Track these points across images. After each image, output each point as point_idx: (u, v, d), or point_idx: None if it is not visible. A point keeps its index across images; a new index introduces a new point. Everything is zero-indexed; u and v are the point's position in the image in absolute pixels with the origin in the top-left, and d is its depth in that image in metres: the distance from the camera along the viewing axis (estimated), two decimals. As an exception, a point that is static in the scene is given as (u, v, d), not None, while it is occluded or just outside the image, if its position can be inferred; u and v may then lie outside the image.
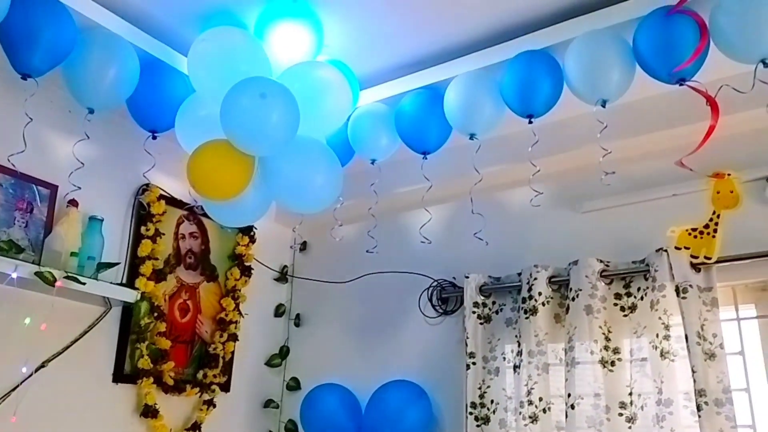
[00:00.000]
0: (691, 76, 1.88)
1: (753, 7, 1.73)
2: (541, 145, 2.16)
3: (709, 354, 2.01)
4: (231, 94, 1.84)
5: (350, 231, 2.87)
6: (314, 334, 3.07)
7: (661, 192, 2.33)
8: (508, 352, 2.41)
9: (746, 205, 2.16)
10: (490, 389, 2.38)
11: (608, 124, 2.03)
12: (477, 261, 2.60)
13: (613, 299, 2.26)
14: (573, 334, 2.21)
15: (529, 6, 2.09)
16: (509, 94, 2.14)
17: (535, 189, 2.19)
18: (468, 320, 2.48)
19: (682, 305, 2.08)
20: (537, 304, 2.32)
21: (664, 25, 1.86)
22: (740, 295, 2.20)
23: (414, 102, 2.33)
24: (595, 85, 2.00)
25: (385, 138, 2.40)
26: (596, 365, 2.15)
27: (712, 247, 2.10)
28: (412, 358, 2.72)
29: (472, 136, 2.23)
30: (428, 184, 2.38)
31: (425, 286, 2.74)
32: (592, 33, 2.01)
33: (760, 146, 2.19)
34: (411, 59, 2.35)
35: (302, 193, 2.01)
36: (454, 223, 2.75)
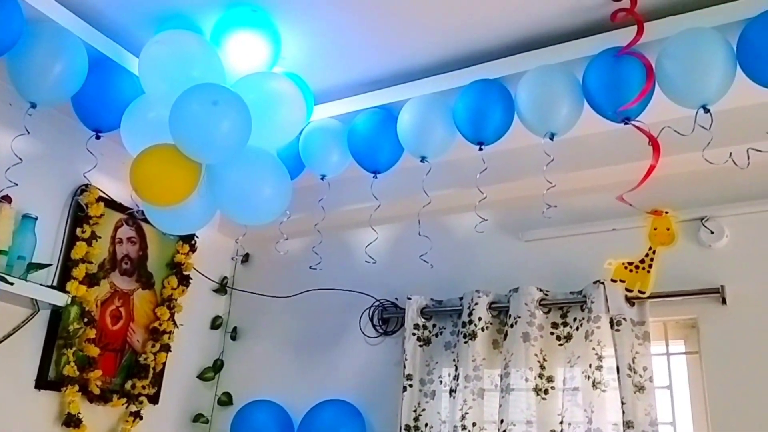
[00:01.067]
0: (636, 115, 1.95)
1: (697, 54, 1.81)
2: (490, 172, 2.19)
3: (638, 386, 2.06)
4: (182, 98, 1.81)
5: (295, 245, 2.83)
6: (250, 349, 3.00)
7: (601, 226, 2.40)
8: (445, 375, 2.42)
9: (681, 244, 2.24)
10: (425, 412, 2.38)
11: (555, 157, 2.08)
12: (420, 283, 2.61)
13: (550, 328, 2.30)
14: (509, 360, 2.23)
15: (485, 36, 2.14)
16: (462, 120, 2.17)
17: (480, 215, 2.22)
18: (407, 342, 2.48)
19: (615, 337, 2.13)
20: (476, 329, 2.34)
21: (612, 65, 1.93)
22: (671, 331, 2.27)
23: (367, 121, 2.34)
24: (545, 118, 2.06)
25: (336, 154, 2.39)
26: (530, 393, 2.18)
27: (646, 281, 2.17)
28: (350, 378, 2.70)
29: (423, 158, 2.25)
30: (376, 204, 2.38)
31: (367, 306, 2.73)
32: (545, 67, 2.06)
33: (696, 188, 2.28)
34: (367, 78, 2.36)
35: (248, 204, 1.97)
36: (400, 244, 2.76)
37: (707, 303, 2.15)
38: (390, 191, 2.46)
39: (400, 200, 2.53)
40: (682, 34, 1.85)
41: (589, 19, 2.03)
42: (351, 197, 2.63)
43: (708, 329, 2.14)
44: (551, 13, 2.03)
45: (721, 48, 1.80)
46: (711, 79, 1.81)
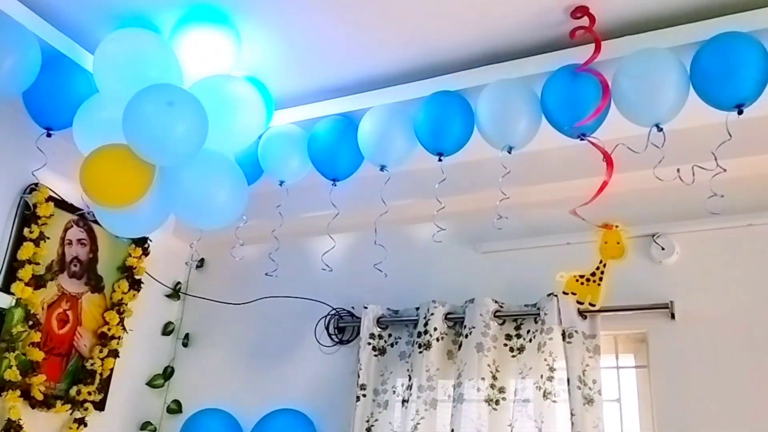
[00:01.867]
0: (592, 131, 1.99)
1: (652, 74, 1.86)
2: (449, 183, 2.20)
3: (588, 399, 2.09)
4: (137, 98, 1.77)
5: (251, 252, 2.80)
6: (203, 356, 2.94)
7: (556, 239, 2.42)
8: (399, 385, 2.41)
9: (632, 260, 2.28)
10: (378, 422, 2.36)
11: (513, 170, 2.10)
12: (377, 292, 2.60)
13: (504, 339, 2.32)
14: (462, 370, 2.24)
15: (447, 48, 2.16)
16: (422, 130, 2.18)
17: (438, 225, 2.23)
18: (362, 351, 2.47)
19: (567, 349, 2.16)
20: (431, 339, 2.34)
21: (570, 81, 1.96)
22: (621, 345, 2.30)
23: (328, 128, 2.33)
24: (503, 131, 2.08)
25: (296, 161, 2.37)
26: (481, 403, 2.19)
27: (596, 294, 2.20)
28: (303, 387, 2.66)
29: (382, 167, 2.24)
30: (335, 211, 2.36)
31: (323, 314, 2.71)
32: (505, 81, 2.09)
33: (649, 205, 2.33)
34: (329, 85, 2.36)
35: (203, 208, 1.94)
36: (358, 252, 2.75)
37: (657, 318, 2.19)
38: (349, 199, 2.44)
39: (359, 209, 2.51)
40: (638, 54, 1.89)
41: (548, 35, 2.06)
42: (309, 204, 2.61)
43: (657, 344, 2.18)
44: (512, 28, 2.06)
45: (675, 69, 1.85)
46: (664, 99, 1.86)
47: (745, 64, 1.76)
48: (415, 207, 2.54)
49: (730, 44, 1.78)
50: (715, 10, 1.89)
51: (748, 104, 1.78)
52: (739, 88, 1.76)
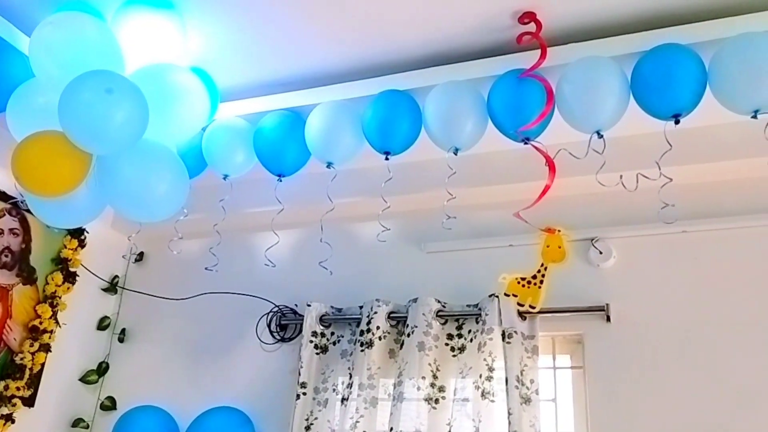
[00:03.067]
0: (536, 136, 2.02)
1: (594, 81, 1.90)
2: (395, 183, 2.21)
3: (525, 398, 2.12)
4: (74, 84, 1.71)
5: (192, 246, 2.74)
6: (139, 352, 2.87)
7: (500, 241, 2.46)
8: (339, 384, 2.40)
9: (572, 263, 2.33)
10: (317, 421, 2.35)
11: (459, 172, 2.12)
12: (321, 290, 2.58)
13: (445, 339, 2.33)
14: (403, 369, 2.24)
15: (397, 47, 2.16)
16: (370, 128, 2.17)
17: (383, 224, 2.23)
18: (304, 349, 2.45)
19: (506, 350, 2.19)
20: (374, 338, 2.34)
21: (516, 86, 1.98)
22: (558, 346, 2.35)
23: (275, 122, 2.30)
24: (450, 133, 2.09)
25: (241, 155, 2.33)
26: (421, 402, 2.19)
27: (537, 296, 2.24)
28: (243, 385, 2.62)
29: (329, 164, 2.23)
30: (279, 207, 2.33)
31: (265, 311, 2.67)
32: (453, 83, 2.10)
33: (589, 210, 2.39)
34: (277, 79, 2.33)
35: (141, 200, 1.88)
36: (302, 249, 2.72)
37: (593, 320, 2.24)
38: (294, 196, 2.42)
39: (305, 205, 2.49)
40: (581, 62, 1.93)
41: (496, 39, 2.08)
42: (254, 199, 2.57)
43: (592, 345, 2.23)
44: (461, 30, 2.07)
45: (617, 77, 1.90)
46: (605, 106, 1.90)
47: (683, 75, 1.81)
48: (362, 205, 2.53)
49: (669, 55, 1.84)
50: (657, 22, 1.95)
51: (684, 114, 1.84)
52: (676, 99, 1.82)
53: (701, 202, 2.24)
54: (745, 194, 2.19)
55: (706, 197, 2.25)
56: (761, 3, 1.86)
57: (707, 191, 2.25)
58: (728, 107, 1.82)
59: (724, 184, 2.24)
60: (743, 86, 1.76)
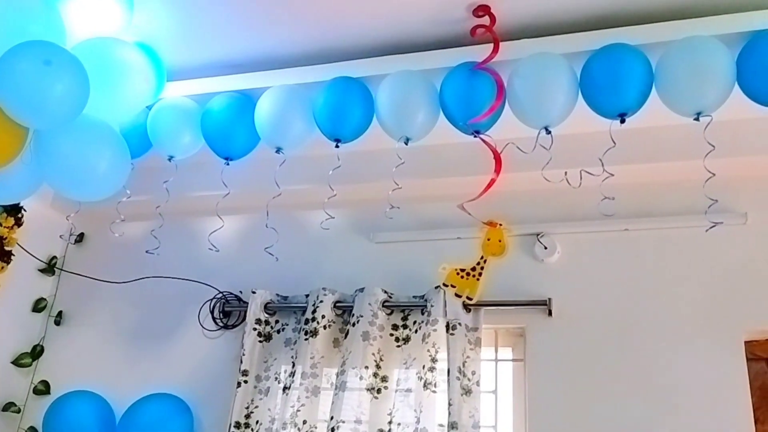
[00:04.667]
0: (486, 129, 2.02)
1: (544, 78, 1.91)
2: (345, 172, 2.18)
3: (466, 389, 2.14)
4: (10, 54, 1.63)
5: (135, 229, 2.67)
6: (76, 336, 2.78)
7: (448, 233, 2.47)
8: (282, 372, 2.37)
9: (517, 257, 2.37)
10: (258, 409, 2.32)
11: (409, 162, 2.11)
12: (267, 278, 2.55)
13: (390, 329, 2.33)
14: (347, 358, 2.23)
15: (351, 34, 2.14)
16: (321, 115, 2.14)
17: (327, 213, 2.20)
18: (247, 337, 2.41)
19: (450, 341, 2.20)
20: (318, 327, 2.33)
21: (467, 78, 1.98)
22: (501, 338, 2.38)
23: (224, 104, 2.24)
24: (401, 122, 2.08)
25: (187, 136, 2.27)
26: (363, 391, 2.19)
27: (474, 288, 2.26)
28: (183, 371, 2.57)
29: (278, 149, 2.19)
30: (226, 191, 2.29)
31: (209, 297, 2.62)
32: (406, 73, 2.09)
33: (536, 205, 2.42)
34: (228, 60, 2.28)
35: (79, 177, 1.81)
36: (249, 236, 2.68)
37: (535, 314, 2.27)
38: (242, 180, 2.37)
39: (252, 191, 2.45)
40: (532, 57, 1.94)
41: (451, 31, 2.08)
42: (200, 183, 2.52)
43: (533, 338, 2.27)
44: (416, 20, 2.07)
45: (566, 75, 1.91)
46: (555, 103, 1.92)
47: (630, 75, 1.84)
48: (311, 193, 2.49)
49: (618, 55, 1.86)
50: (608, 22, 1.98)
51: (630, 114, 1.87)
52: (622, 98, 1.84)
53: (643, 201, 2.30)
54: (685, 195, 2.24)
55: (648, 197, 2.30)
56: (708, 8, 1.90)
57: (649, 191, 2.30)
58: (672, 108, 1.86)
59: (665, 184, 2.29)
60: (687, 88, 1.80)
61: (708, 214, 1.92)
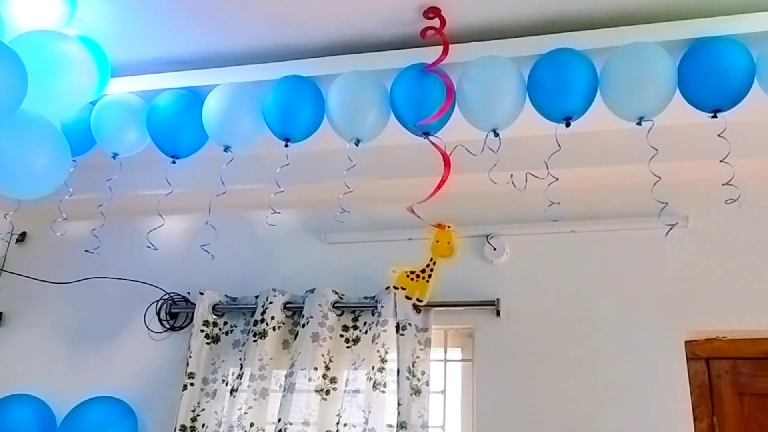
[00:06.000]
0: (435, 131, 2.03)
1: (492, 81, 1.93)
2: (297, 172, 2.17)
3: (415, 389, 2.15)
4: (-58, 45, 1.57)
5: (80, 228, 2.59)
6: (17, 338, 2.69)
7: (399, 234, 2.47)
8: (230, 374, 2.34)
9: (467, 258, 2.39)
10: (204, 412, 2.28)
11: (360, 163, 2.11)
12: (215, 278, 2.52)
13: (340, 330, 2.32)
14: (296, 359, 2.21)
15: (302, 33, 2.13)
16: (270, 113, 2.12)
17: (273, 208, 2.17)
18: (194, 339, 2.37)
19: (399, 341, 2.20)
20: (268, 328, 2.30)
21: (418, 80, 1.99)
22: (450, 339, 2.39)
23: (171, 101, 2.20)
24: (352, 123, 2.07)
25: (132, 133, 2.22)
26: (312, 393, 2.18)
27: (424, 290, 2.28)
28: (127, 374, 2.51)
29: (227, 148, 2.16)
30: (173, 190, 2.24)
31: (155, 299, 2.57)
32: (357, 73, 2.08)
33: (485, 207, 2.44)
34: (175, 57, 2.24)
35: (16, 174, 1.75)
36: (198, 236, 2.61)
37: (484, 314, 2.29)
38: (190, 179, 2.35)
39: (201, 190, 2.40)
40: (481, 60, 1.96)
41: (401, 32, 2.09)
42: (146, 182, 2.46)
43: (482, 339, 2.28)
44: (367, 20, 2.06)
45: (515, 78, 1.94)
46: (503, 105, 1.94)
47: (575, 79, 1.87)
48: (261, 193, 2.44)
49: (564, 60, 1.90)
50: (555, 26, 2.01)
51: (575, 118, 1.91)
52: (567, 102, 1.88)
53: (589, 203, 2.34)
54: (630, 198, 2.30)
55: (594, 199, 2.35)
56: (651, 15, 1.95)
57: (595, 194, 2.35)
58: (615, 113, 1.90)
59: (610, 187, 2.34)
60: (630, 93, 1.84)
61: (654, 216, 1.96)
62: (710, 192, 1.94)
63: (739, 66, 1.81)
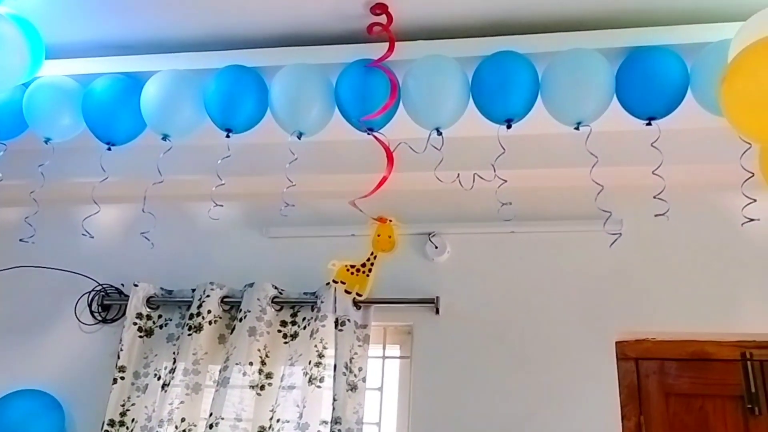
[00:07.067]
0: (380, 127, 2.03)
1: (436, 79, 1.94)
2: (239, 163, 2.14)
3: (351, 386, 2.14)
4: None
5: (9, 215, 2.51)
6: (-64, 328, 2.56)
7: (342, 230, 2.46)
8: (162, 369, 2.29)
9: (409, 256, 2.40)
10: (134, 407, 2.22)
11: (304, 157, 2.09)
12: (151, 270, 2.46)
13: (278, 326, 2.30)
14: (231, 354, 2.18)
15: (247, 22, 2.09)
16: (212, 103, 2.07)
17: (215, 201, 2.13)
18: (126, 331, 2.31)
19: (338, 337, 2.19)
20: (204, 322, 2.26)
21: (362, 75, 1.98)
22: (390, 336, 2.39)
23: (108, 86, 2.13)
24: (295, 116, 2.05)
25: (67, 118, 2.14)
26: (246, 388, 2.15)
27: (364, 285, 2.27)
28: (56, 367, 2.42)
29: (165, 137, 2.10)
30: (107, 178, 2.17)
31: (87, 290, 2.49)
32: (302, 66, 2.06)
33: (429, 205, 2.45)
34: (115, 40, 2.18)
35: (-64, 155, 1.67)
36: (134, 226, 2.55)
37: (423, 312, 2.30)
38: (127, 167, 2.28)
39: (138, 178, 2.33)
40: (427, 59, 1.96)
41: (348, 27, 2.07)
42: (80, 168, 2.38)
43: (420, 336, 2.29)
44: (314, 13, 2.04)
45: (459, 78, 1.95)
46: (446, 105, 1.95)
47: (517, 82, 1.90)
48: (201, 184, 2.41)
49: (507, 62, 1.92)
50: (500, 29, 2.03)
51: (516, 120, 1.93)
52: (509, 104, 1.90)
53: (529, 205, 2.37)
54: (568, 201, 2.35)
55: (533, 201, 2.38)
56: (592, 22, 1.99)
57: (535, 195, 2.39)
58: (555, 117, 1.94)
59: (550, 189, 2.38)
60: (569, 98, 1.88)
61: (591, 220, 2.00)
62: (644, 198, 1.99)
63: (674, 75, 1.87)
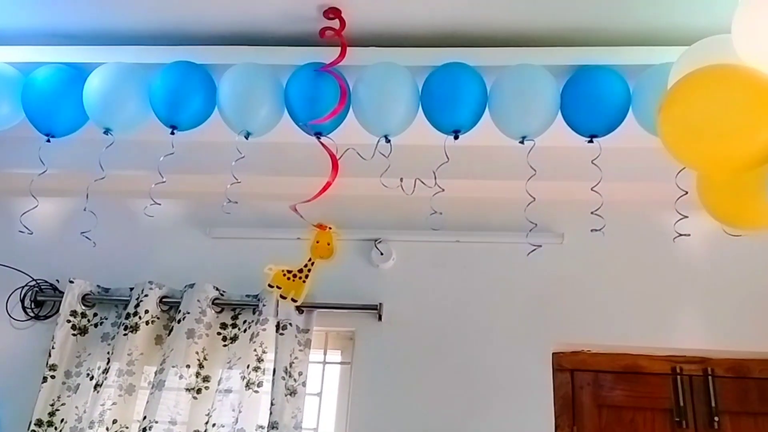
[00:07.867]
0: (328, 132, 2.02)
1: (387, 87, 1.94)
2: (181, 161, 2.09)
3: (291, 390, 2.13)
4: None
5: (-59, 205, 2.39)
6: None
7: (287, 233, 2.44)
8: (95, 368, 2.22)
9: (353, 262, 2.40)
10: (64, 407, 2.16)
11: (250, 158, 2.06)
12: (89, 267, 2.40)
13: (218, 328, 2.27)
14: (168, 356, 2.14)
15: (198, 18, 2.05)
16: (157, 98, 2.03)
17: (153, 199, 2.09)
18: (59, 329, 2.25)
19: (279, 341, 2.18)
20: (140, 322, 2.21)
21: (312, 79, 1.96)
22: (331, 341, 2.39)
23: (50, 76, 2.05)
24: (243, 116, 2.02)
25: (5, 106, 2.06)
26: (182, 391, 2.11)
27: (300, 290, 2.26)
28: (-18, 365, 2.33)
29: (107, 131, 2.04)
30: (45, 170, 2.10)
31: (20, 285, 2.40)
32: (252, 65, 2.03)
33: (374, 212, 2.46)
34: (59, 29, 2.10)
35: None
36: (72, 221, 2.49)
37: (366, 318, 2.31)
38: (67, 160, 2.21)
39: (78, 172, 2.26)
40: (378, 66, 1.97)
41: (301, 29, 2.06)
42: (17, 160, 2.30)
43: (362, 342, 2.30)
44: (266, 13, 2.02)
45: (409, 87, 1.95)
46: (396, 112, 1.95)
47: (466, 94, 1.91)
48: (143, 180, 2.31)
49: (457, 74, 1.93)
50: (452, 40, 2.04)
51: (464, 131, 1.95)
52: (457, 115, 1.91)
53: (474, 215, 2.41)
54: (511, 213, 2.35)
55: (478, 211, 2.42)
56: (541, 38, 2.02)
57: (480, 206, 2.43)
58: (501, 130, 1.96)
59: (494, 201, 2.42)
60: (515, 112, 1.90)
61: (529, 235, 2.03)
62: (584, 212, 2.03)
63: (617, 95, 1.92)
